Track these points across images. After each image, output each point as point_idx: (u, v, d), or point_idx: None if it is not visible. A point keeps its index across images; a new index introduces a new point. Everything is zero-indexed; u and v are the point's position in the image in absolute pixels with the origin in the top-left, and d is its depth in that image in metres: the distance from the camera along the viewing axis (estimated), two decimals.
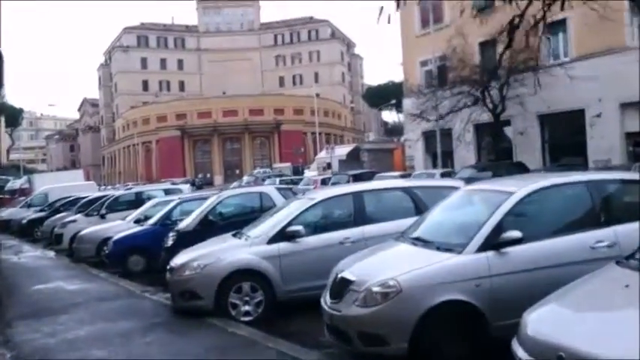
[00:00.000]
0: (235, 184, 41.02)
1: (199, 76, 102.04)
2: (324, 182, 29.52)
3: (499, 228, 5.15)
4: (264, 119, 77.06)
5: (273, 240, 7.63)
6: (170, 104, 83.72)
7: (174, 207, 12.86)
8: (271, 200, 10.76)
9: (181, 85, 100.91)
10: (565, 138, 27.43)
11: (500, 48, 27.38)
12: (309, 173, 44.34)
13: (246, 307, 7.46)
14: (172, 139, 74.44)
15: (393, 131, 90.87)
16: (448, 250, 5.23)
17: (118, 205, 18.02)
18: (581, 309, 3.65)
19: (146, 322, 7.69)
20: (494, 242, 5.10)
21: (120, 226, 14.17)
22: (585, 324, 3.34)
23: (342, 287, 5.47)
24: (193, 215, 10.69)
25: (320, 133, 68.70)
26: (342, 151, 45.29)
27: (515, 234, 5.01)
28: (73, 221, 17.76)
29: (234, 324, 7.21)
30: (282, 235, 7.62)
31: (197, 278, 7.52)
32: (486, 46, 29.33)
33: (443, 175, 25.05)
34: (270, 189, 11.15)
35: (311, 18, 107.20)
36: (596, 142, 25.14)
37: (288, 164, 53.44)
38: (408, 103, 33.87)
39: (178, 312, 7.95)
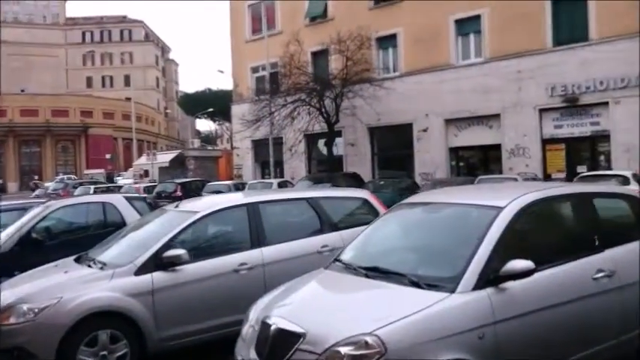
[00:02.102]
0: (40, 191, 35.83)
1: None
2: (149, 191, 26.82)
3: (496, 255, 3.88)
4: (69, 121, 69.73)
5: (144, 269, 5.59)
6: None
7: None
8: (118, 213, 8.48)
9: None
10: (394, 150, 28.07)
11: (332, 58, 27.51)
12: (124, 181, 40.63)
13: None
14: None
15: (208, 140, 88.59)
16: (432, 286, 3.81)
17: None
18: None
19: None
20: (493, 276, 3.81)
21: None
22: None
23: (282, 343, 3.77)
24: (8, 232, 8.00)
25: (132, 139, 63.91)
26: (165, 157, 42.13)
27: (525, 264, 3.76)
28: None
29: None
30: (157, 262, 5.63)
31: (29, 329, 5.14)
32: (319, 55, 29.14)
33: (280, 185, 24.02)
34: (117, 199, 8.81)
35: (124, 17, 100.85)
36: (422, 155, 26.00)
37: (101, 170, 48.55)
38: (238, 109, 32.39)
39: None
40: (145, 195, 13.73)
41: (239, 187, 24.65)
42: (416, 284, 3.86)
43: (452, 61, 24.90)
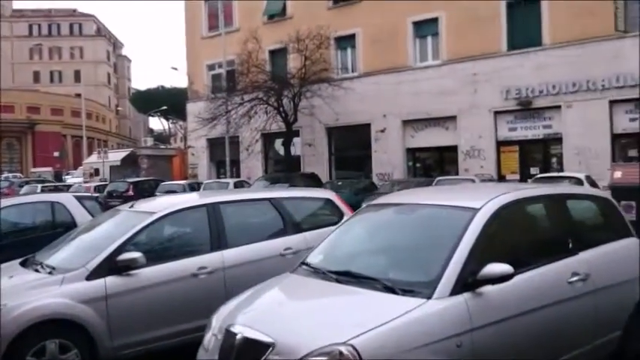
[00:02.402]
0: None
1: None
2: (99, 190, 25.99)
3: (473, 259, 3.73)
4: (15, 117, 66.98)
5: (96, 274, 5.22)
6: None
7: None
8: (68, 213, 8.01)
9: None
10: (351, 151, 28.04)
11: (291, 57, 27.26)
12: (73, 180, 39.35)
13: None
14: None
15: (161, 139, 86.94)
16: (407, 292, 3.63)
17: None
18: None
19: None
20: (470, 280, 3.66)
21: None
22: None
23: (248, 354, 3.52)
24: None
25: (82, 137, 62.01)
26: (117, 156, 40.94)
27: (504, 269, 3.62)
28: None
29: None
30: (111, 265, 5.27)
31: None
32: (277, 54, 28.85)
33: (236, 185, 23.66)
34: (66, 198, 8.32)
35: (74, 11, 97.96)
36: (380, 156, 26.07)
37: (49, 169, 46.87)
38: (193, 107, 31.78)
39: None
40: (97, 194, 13.14)
41: (194, 187, 24.17)
42: (390, 290, 3.68)
43: (410, 63, 25.04)
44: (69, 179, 41.11)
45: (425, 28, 24.79)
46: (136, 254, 5.28)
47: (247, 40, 26.03)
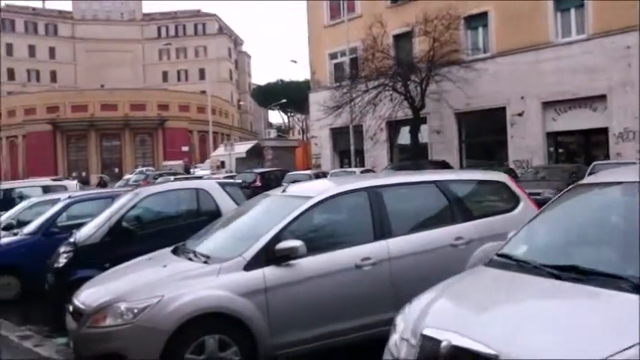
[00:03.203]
0: (120, 182, 36.56)
1: (74, 67, 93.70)
2: None
3: None
4: (147, 115, 71.60)
5: (254, 263, 4.73)
6: (40, 95, 75.38)
7: (63, 209, 9.44)
8: (212, 200, 7.73)
9: (53, 75, 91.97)
10: (484, 137, 26.48)
11: (417, 40, 26.15)
12: (201, 172, 40.83)
13: None
14: (42, 133, 66.66)
15: (280, 131, 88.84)
16: None
17: None
18: None
19: None
20: None
21: None
22: None
23: None
24: (98, 221, 7.44)
25: (207, 132, 64.72)
26: (242, 148, 42.03)
27: None
28: None
29: None
30: (269, 255, 4.76)
31: (127, 332, 4.40)
32: (401, 38, 27.86)
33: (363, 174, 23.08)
34: (210, 184, 8.10)
35: (198, 11, 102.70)
36: (517, 141, 24.36)
37: (180, 162, 49.27)
38: (316, 97, 31.63)
39: None
40: (240, 180, 13.02)
41: (319, 177, 23.86)
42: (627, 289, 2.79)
43: (550, 39, 23.03)
44: (197, 172, 42.74)
45: (567, 0, 22.70)
46: (296, 242, 4.72)
47: (372, 25, 25.23)
